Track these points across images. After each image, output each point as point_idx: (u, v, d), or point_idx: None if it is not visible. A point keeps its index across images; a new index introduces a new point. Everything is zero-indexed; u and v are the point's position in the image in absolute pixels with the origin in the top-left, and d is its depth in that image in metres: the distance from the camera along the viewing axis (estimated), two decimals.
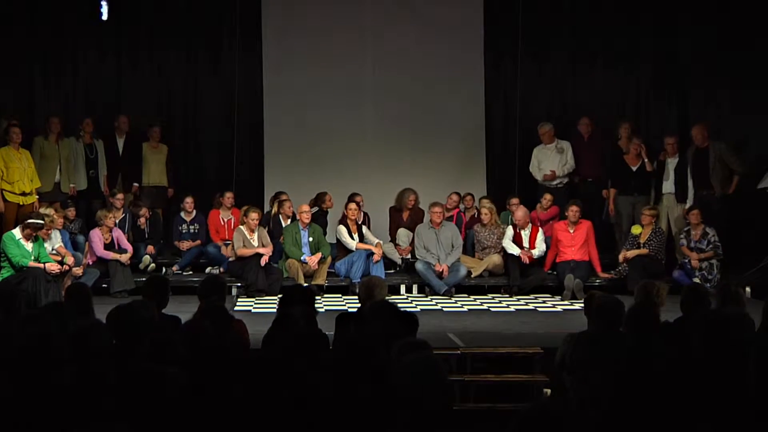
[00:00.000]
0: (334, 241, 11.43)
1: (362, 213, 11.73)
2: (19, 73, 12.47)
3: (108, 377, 4.06)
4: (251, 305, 9.99)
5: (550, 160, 12.16)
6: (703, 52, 12.39)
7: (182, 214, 11.68)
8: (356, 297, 7.81)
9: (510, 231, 11.12)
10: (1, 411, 3.88)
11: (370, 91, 12.89)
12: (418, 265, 10.90)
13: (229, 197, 11.70)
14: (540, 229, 11.20)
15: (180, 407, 3.80)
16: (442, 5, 12.90)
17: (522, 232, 11.10)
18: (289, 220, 11.43)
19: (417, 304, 10.14)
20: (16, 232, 9.65)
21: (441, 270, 10.80)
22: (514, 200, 11.67)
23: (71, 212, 11.15)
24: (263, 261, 10.68)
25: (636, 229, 10.97)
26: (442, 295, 10.71)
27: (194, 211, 11.68)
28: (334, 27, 12.81)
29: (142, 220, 11.47)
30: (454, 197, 11.90)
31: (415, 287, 11.08)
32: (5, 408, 3.91)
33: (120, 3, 12.38)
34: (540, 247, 11.05)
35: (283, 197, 11.63)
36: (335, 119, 12.77)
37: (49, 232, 9.94)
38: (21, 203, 10.82)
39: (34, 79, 12.59)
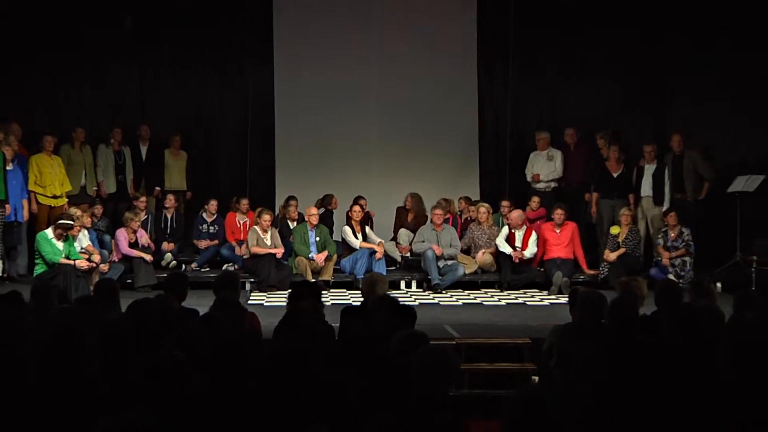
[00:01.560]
0: (340, 240, 11.44)
1: (366, 214, 11.73)
2: (48, 86, 12.48)
3: (131, 367, 4.07)
4: (263, 299, 10.00)
5: (541, 166, 12.21)
6: (678, 66, 12.39)
7: (204, 215, 11.69)
8: (360, 292, 7.82)
9: (505, 231, 11.12)
10: (34, 398, 3.88)
11: (374, 101, 12.91)
12: (429, 253, 10.81)
13: (244, 203, 11.69)
14: (534, 231, 11.17)
15: (193, 393, 3.80)
16: (440, 22, 12.90)
17: (516, 233, 11.09)
18: (295, 223, 11.45)
19: (416, 299, 10.15)
20: (49, 231, 9.68)
21: (439, 253, 10.81)
22: (505, 203, 11.67)
23: (98, 209, 11.17)
24: (279, 254, 10.73)
25: (615, 230, 11.00)
26: (433, 286, 10.71)
27: (216, 214, 11.70)
28: (341, 44, 12.82)
29: (169, 213, 11.61)
30: (443, 203, 11.82)
31: (414, 283, 11.07)
32: (39, 395, 3.91)
33: (140, 19, 12.42)
34: (531, 249, 11.00)
35: (293, 203, 11.66)
36: (341, 128, 12.80)
37: (78, 231, 9.97)
38: (52, 205, 10.89)
39: (62, 91, 12.58)
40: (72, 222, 9.74)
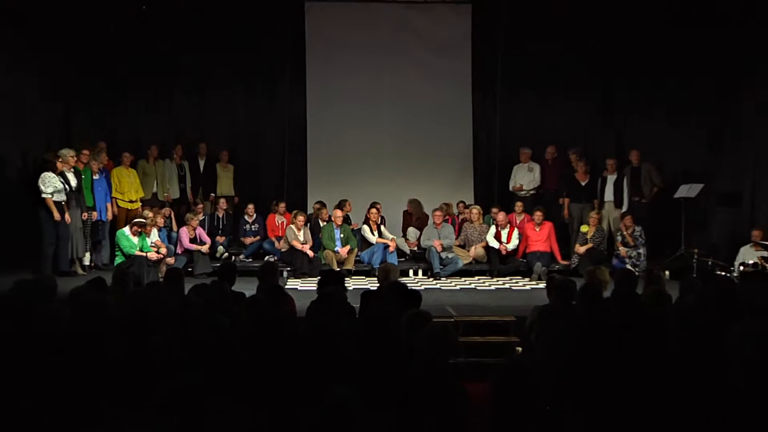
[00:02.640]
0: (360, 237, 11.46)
1: (380, 216, 11.75)
2: (127, 112, 12.57)
3: (191, 338, 4.08)
4: (298, 285, 10.02)
5: (522, 176, 12.20)
6: (635, 94, 12.36)
7: (246, 216, 11.74)
8: (376, 279, 7.83)
9: (493, 229, 11.13)
10: (113, 363, 3.92)
11: (387, 122, 12.91)
12: (432, 249, 10.86)
13: (282, 206, 11.76)
14: (516, 228, 11.18)
15: (238, 360, 3.81)
16: (440, 56, 12.89)
17: (502, 231, 11.10)
18: (324, 223, 11.47)
19: (422, 284, 10.14)
20: (126, 229, 9.78)
21: (439, 246, 10.81)
22: (495, 209, 11.64)
23: (166, 211, 11.25)
24: (310, 254, 10.73)
25: (584, 228, 10.98)
26: (434, 274, 10.72)
27: (255, 215, 11.75)
28: (360, 75, 12.83)
29: (221, 212, 11.69)
30: (443, 206, 11.79)
31: (420, 271, 11.07)
32: (117, 360, 3.95)
33: (198, 56, 12.48)
34: (514, 243, 11.04)
35: (317, 206, 11.71)
36: (360, 144, 12.81)
37: (150, 229, 10.04)
38: (129, 208, 11.02)
39: (137, 117, 12.66)
40: (145, 221, 9.83)
